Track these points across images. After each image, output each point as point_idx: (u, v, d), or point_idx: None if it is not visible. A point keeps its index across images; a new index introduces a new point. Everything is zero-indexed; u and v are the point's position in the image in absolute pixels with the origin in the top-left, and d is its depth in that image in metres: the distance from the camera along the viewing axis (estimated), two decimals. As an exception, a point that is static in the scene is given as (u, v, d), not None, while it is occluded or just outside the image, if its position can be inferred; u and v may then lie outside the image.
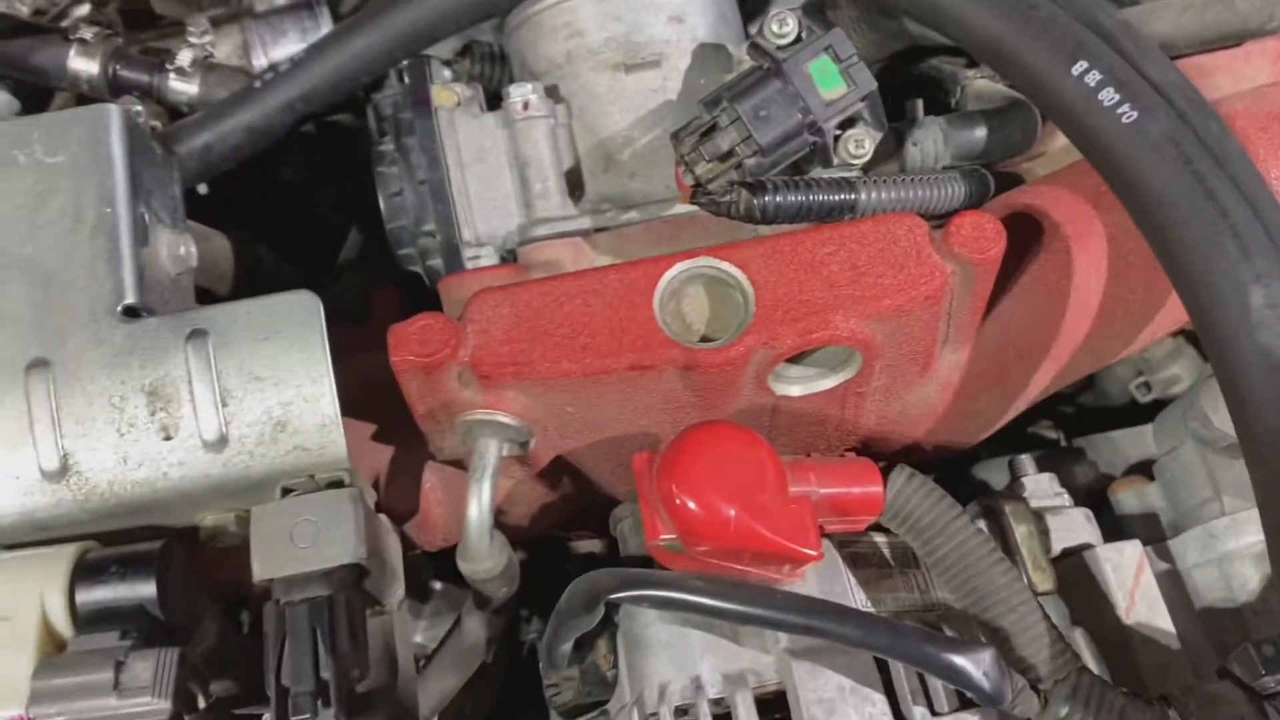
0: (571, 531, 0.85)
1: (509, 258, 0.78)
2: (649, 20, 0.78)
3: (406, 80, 0.80)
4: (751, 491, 0.60)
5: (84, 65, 0.92)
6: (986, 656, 0.59)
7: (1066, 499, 0.81)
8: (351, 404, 0.68)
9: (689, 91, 0.78)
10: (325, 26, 1.02)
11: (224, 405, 0.62)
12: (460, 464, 0.71)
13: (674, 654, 0.65)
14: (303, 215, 1.09)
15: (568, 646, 0.68)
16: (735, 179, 0.69)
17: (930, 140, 0.79)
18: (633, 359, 0.62)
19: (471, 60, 0.95)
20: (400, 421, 0.70)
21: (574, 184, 0.80)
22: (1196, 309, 0.57)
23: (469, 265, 0.76)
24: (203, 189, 1.02)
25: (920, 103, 0.80)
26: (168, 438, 0.62)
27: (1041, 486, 0.81)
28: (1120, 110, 0.60)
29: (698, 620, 0.66)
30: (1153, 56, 0.69)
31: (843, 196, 0.68)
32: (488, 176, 0.77)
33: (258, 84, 0.89)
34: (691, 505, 0.60)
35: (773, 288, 0.63)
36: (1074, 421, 1.05)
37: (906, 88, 0.84)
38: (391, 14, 0.87)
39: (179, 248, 0.71)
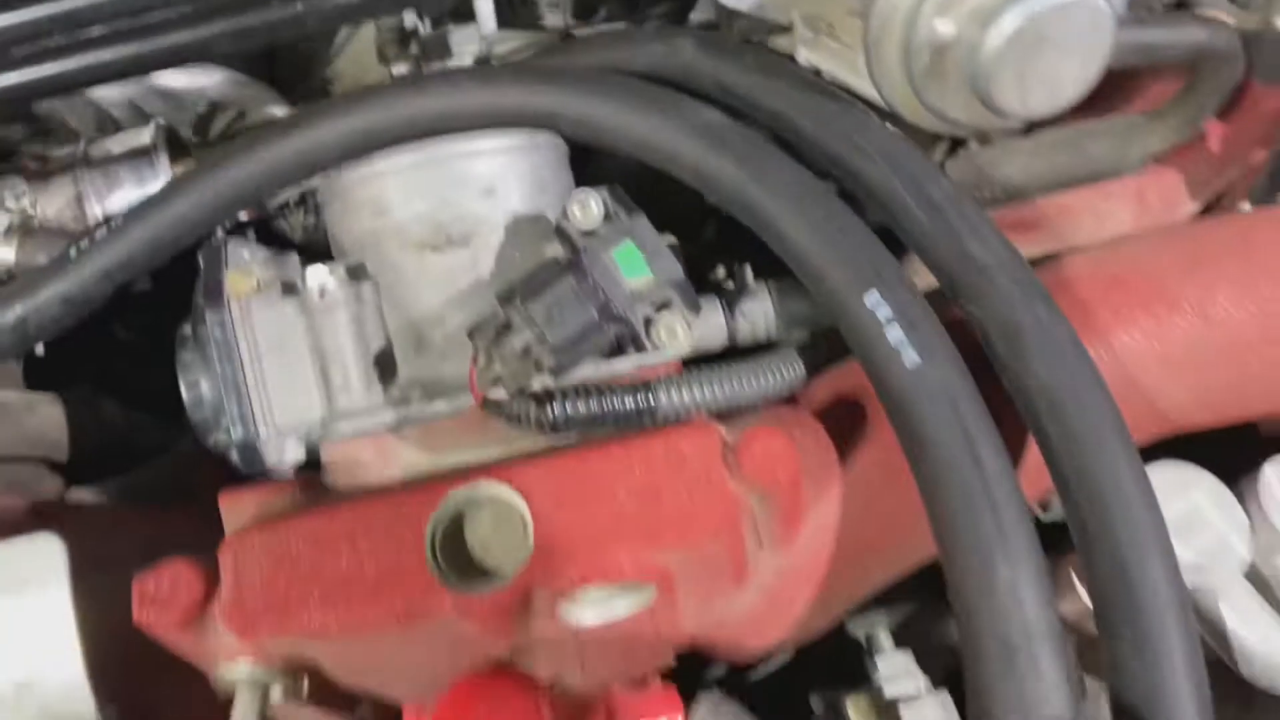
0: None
1: (315, 446, 0.73)
2: (458, 196, 0.74)
3: (200, 264, 0.76)
4: (524, 753, 0.56)
5: (-107, 231, 0.88)
6: None
7: (923, 684, 0.76)
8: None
9: (503, 268, 0.74)
10: (164, 174, 0.97)
11: (-41, 667, 0.58)
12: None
13: None
14: (144, 367, 1.04)
15: None
16: (527, 389, 0.65)
17: (760, 311, 0.75)
18: (401, 607, 0.57)
19: (305, 210, 0.91)
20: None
21: (385, 365, 0.75)
22: (949, 571, 0.57)
23: (270, 458, 0.72)
24: (39, 349, 0.98)
25: (749, 266, 0.76)
26: (-102, 706, 0.57)
27: (897, 668, 0.76)
28: (903, 352, 0.58)
29: None
30: (982, 231, 0.65)
31: (640, 402, 0.64)
32: (287, 366, 0.72)
33: (73, 253, 0.85)
34: (460, 772, 0.55)
35: (551, 519, 0.59)
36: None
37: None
38: (210, 178, 0.82)
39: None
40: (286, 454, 0.73)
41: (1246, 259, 0.71)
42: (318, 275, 0.73)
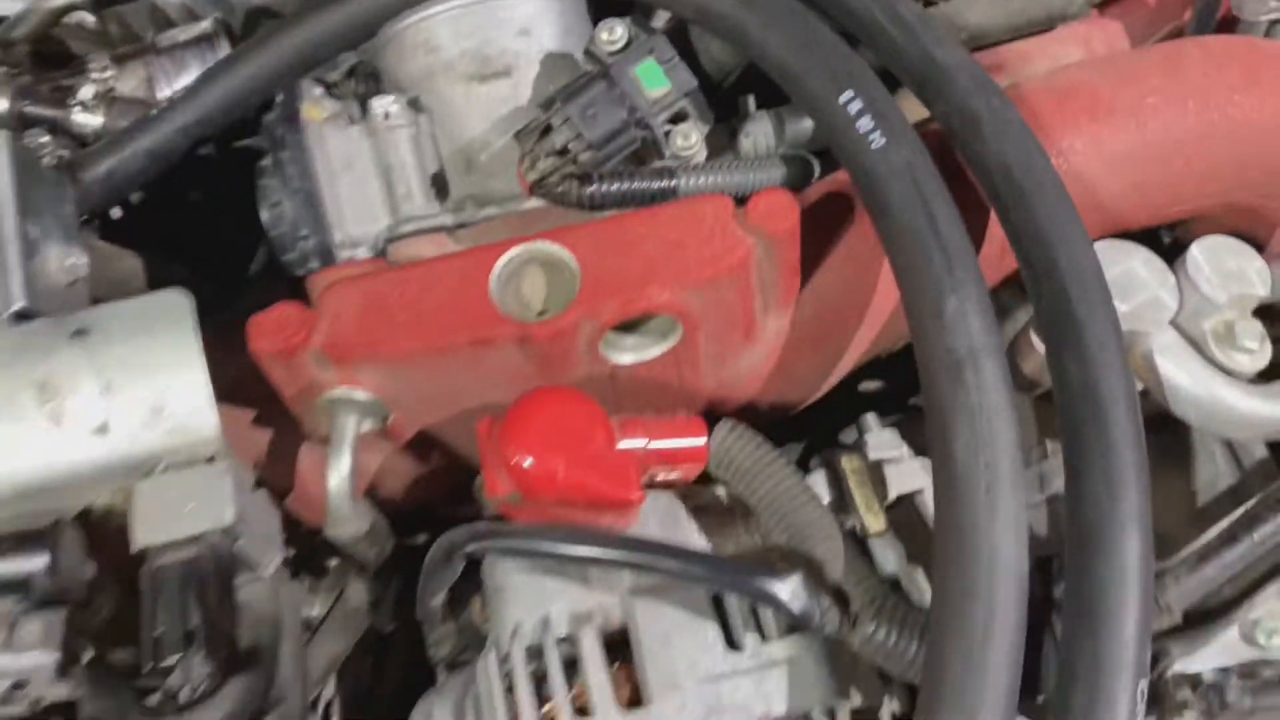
0: (455, 507, 0.92)
1: (380, 255, 0.85)
2: (499, 35, 0.86)
3: (279, 99, 0.88)
4: (579, 444, 0.67)
5: (-8, 103, 1.00)
6: (794, 580, 0.67)
7: (906, 451, 0.88)
8: (235, 390, 0.75)
9: (538, 97, 0.86)
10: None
11: (106, 394, 0.69)
12: (335, 442, 0.78)
13: (528, 597, 0.72)
14: (212, 236, 1.16)
15: (437, 600, 0.75)
16: (572, 172, 0.77)
17: (761, 132, 0.87)
18: (471, 335, 0.69)
19: (356, 80, 1.03)
20: (279, 409, 0.78)
21: (439, 186, 0.87)
22: (908, 309, 0.66)
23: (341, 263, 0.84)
24: (116, 213, 1.09)
25: (751, 98, 0.88)
26: (56, 425, 0.69)
27: (883, 440, 0.88)
28: (871, 138, 0.69)
29: (549, 567, 0.73)
30: (945, 42, 0.77)
31: (663, 184, 0.76)
32: (356, 183, 0.85)
33: (154, 112, 0.96)
34: (526, 463, 0.67)
35: (595, 265, 0.70)
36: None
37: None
38: (275, 41, 0.94)
39: (68, 259, 0.78)
40: (358, 259, 0.85)
41: (1175, 73, 0.83)
42: (382, 103, 0.85)
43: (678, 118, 0.81)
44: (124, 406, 0.69)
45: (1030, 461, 0.89)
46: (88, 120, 1.01)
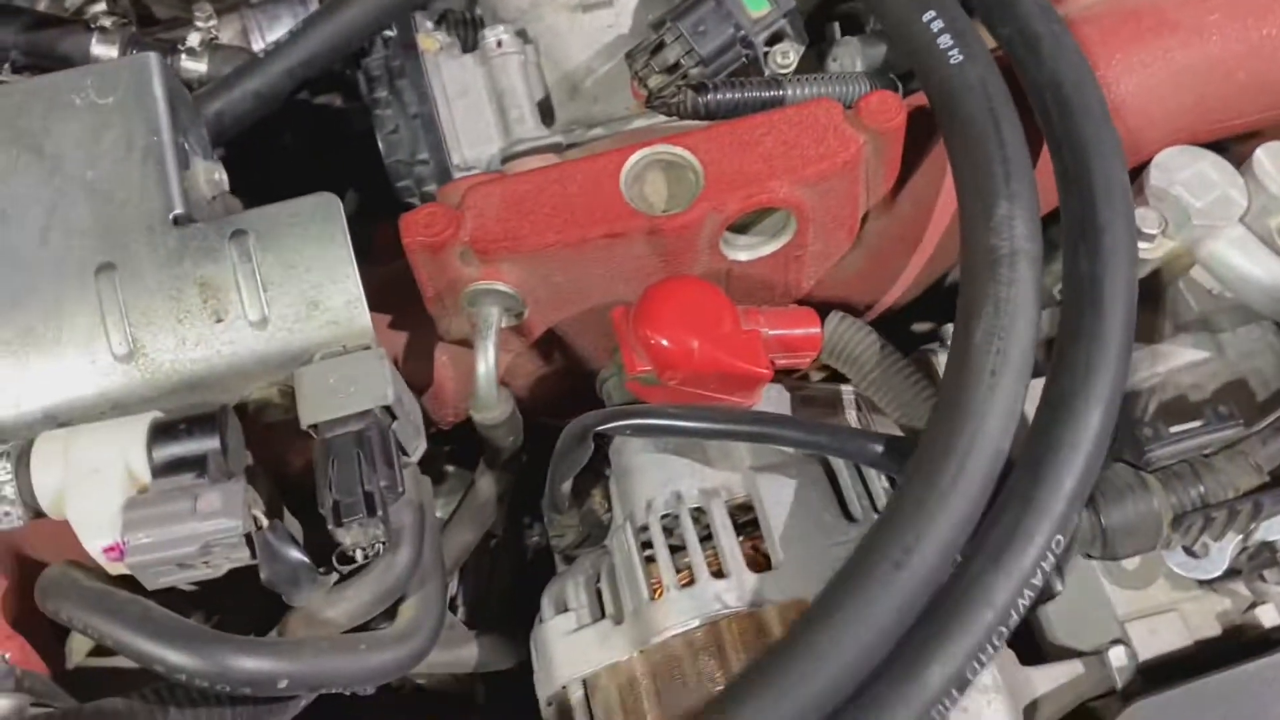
0: (564, 418, 0.97)
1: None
2: (601, -34, 0.92)
3: (395, 31, 0.93)
4: (710, 325, 0.73)
5: (105, 50, 1.05)
6: (904, 445, 0.72)
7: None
8: (371, 303, 0.80)
9: (637, 26, 0.92)
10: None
11: (265, 290, 0.74)
12: (465, 344, 0.83)
13: (657, 475, 0.77)
14: (305, 180, 1.20)
15: (567, 486, 0.80)
16: (687, 83, 0.82)
17: (847, 56, 0.93)
18: (606, 228, 0.74)
19: (446, 27, 1.08)
20: (411, 315, 0.83)
21: (545, 112, 0.93)
22: (963, 208, 0.71)
23: (460, 186, 0.89)
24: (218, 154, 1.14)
25: (837, 25, 0.94)
26: (219, 320, 0.74)
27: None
28: (950, 54, 0.74)
29: (676, 446, 0.78)
30: None
31: (772, 93, 0.82)
32: (470, 108, 0.90)
33: (261, 54, 1.02)
34: (663, 341, 0.72)
35: (718, 164, 0.76)
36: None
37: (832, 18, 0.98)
38: (377, -14, 0.99)
39: (213, 174, 0.83)
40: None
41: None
42: (494, 32, 0.90)
43: (775, 38, 0.87)
44: (281, 301, 0.74)
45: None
46: (194, 66, 1.06)
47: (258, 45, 1.14)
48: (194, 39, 1.06)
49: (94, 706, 0.68)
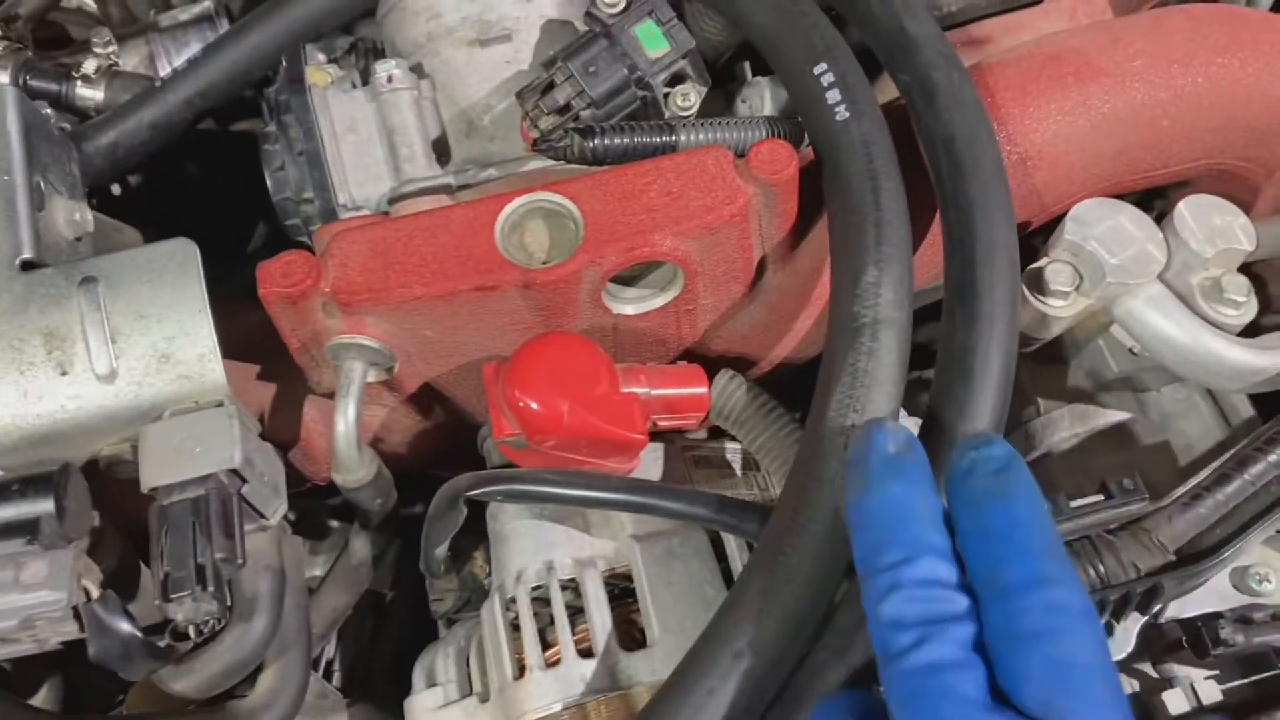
0: (450, 468, 0.93)
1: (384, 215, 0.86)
2: (499, 1, 0.87)
3: (284, 64, 0.89)
4: (584, 387, 0.69)
5: (-5, 76, 1.01)
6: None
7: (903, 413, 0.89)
8: (240, 353, 0.76)
9: (538, 62, 0.88)
10: (224, 36, 1.11)
11: (114, 342, 0.69)
12: (338, 396, 0.79)
13: (531, 543, 0.73)
14: (211, 211, 1.16)
15: (442, 550, 0.76)
16: (575, 127, 0.78)
17: (756, 97, 0.89)
18: (476, 280, 0.70)
19: (356, 55, 1.04)
20: (282, 365, 0.78)
21: (441, 150, 0.88)
22: (834, 271, 0.68)
23: (347, 227, 0.84)
24: (115, 189, 1.10)
25: (748, 64, 0.90)
26: (64, 373, 0.69)
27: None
28: (836, 109, 0.71)
29: (552, 513, 0.74)
30: (918, 15, 0.78)
31: (664, 138, 0.78)
32: (359, 145, 0.86)
33: (158, 84, 0.97)
34: (532, 404, 0.68)
35: (598, 214, 0.72)
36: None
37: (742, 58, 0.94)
38: (278, 14, 0.95)
39: (75, 214, 0.79)
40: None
41: (1160, 37, 0.85)
42: (385, 66, 0.86)
43: (676, 79, 0.83)
44: (131, 354, 0.69)
45: (1020, 420, 0.91)
46: (90, 94, 1.02)
47: (165, 71, 1.10)
48: (90, 65, 1.02)
49: None
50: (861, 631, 0.57)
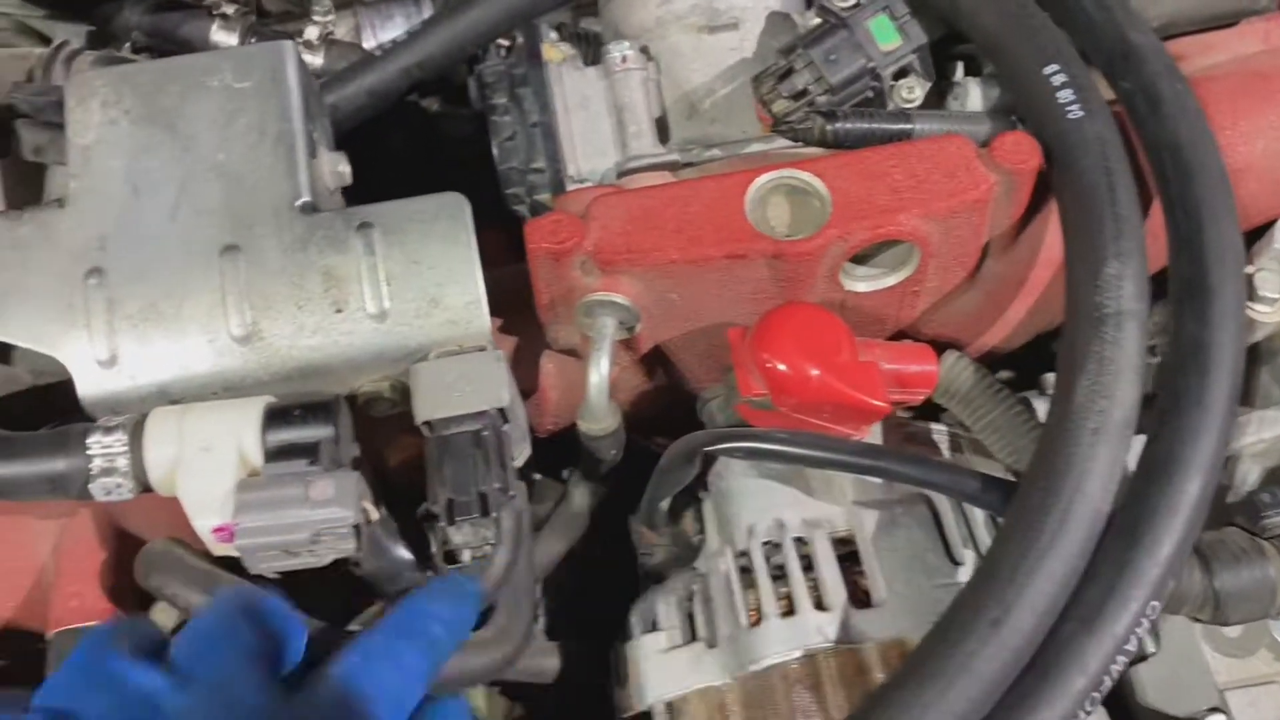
0: (655, 437, 0.97)
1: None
2: (730, -12, 0.92)
3: (520, 40, 0.94)
4: (829, 354, 0.72)
5: (225, 38, 1.06)
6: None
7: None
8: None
9: (761, 50, 0.92)
10: (428, 13, 1.16)
11: (387, 284, 0.74)
12: (570, 353, 0.83)
13: (760, 501, 0.77)
14: (401, 182, 1.21)
15: (666, 503, 0.79)
16: (817, 109, 0.82)
17: (968, 95, 0.92)
18: (729, 249, 0.74)
19: (560, 40, 1.09)
20: (519, 320, 0.83)
21: (661, 130, 0.93)
22: (1070, 264, 0.71)
23: (573, 196, 0.89)
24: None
25: (961, 65, 0.94)
26: (338, 310, 0.74)
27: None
28: (1069, 109, 0.74)
29: (780, 474, 0.77)
30: (1139, 25, 0.82)
31: (900, 126, 0.81)
32: (589, 121, 0.90)
33: (379, 52, 1.02)
34: (781, 366, 0.72)
35: (845, 193, 0.75)
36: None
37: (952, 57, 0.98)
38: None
39: (337, 165, 0.84)
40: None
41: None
42: (619, 47, 0.90)
43: (901, 73, 0.86)
44: (402, 296, 0.74)
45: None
46: (311, 59, 1.07)
47: (369, 43, 1.15)
48: (312, 32, 1.07)
49: None
50: (1109, 605, 0.60)
